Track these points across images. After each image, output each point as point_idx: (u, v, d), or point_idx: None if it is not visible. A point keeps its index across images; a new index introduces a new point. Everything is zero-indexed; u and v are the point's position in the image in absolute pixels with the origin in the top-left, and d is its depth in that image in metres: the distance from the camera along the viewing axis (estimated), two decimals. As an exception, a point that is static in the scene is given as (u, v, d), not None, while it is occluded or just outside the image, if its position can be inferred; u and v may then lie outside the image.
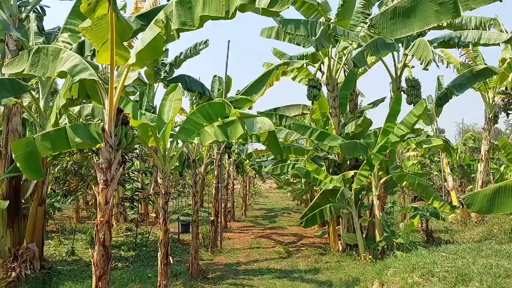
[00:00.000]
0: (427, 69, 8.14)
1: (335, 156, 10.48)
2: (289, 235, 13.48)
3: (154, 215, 16.71)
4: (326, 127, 10.90)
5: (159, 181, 6.35)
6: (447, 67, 13.85)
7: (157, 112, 6.90)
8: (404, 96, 9.86)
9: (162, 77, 16.88)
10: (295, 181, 18.46)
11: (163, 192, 6.33)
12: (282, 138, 10.95)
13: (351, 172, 8.23)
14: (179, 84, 7.12)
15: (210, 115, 6.44)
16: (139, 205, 16.97)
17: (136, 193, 11.62)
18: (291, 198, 30.87)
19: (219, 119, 6.43)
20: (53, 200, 13.04)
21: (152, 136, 6.01)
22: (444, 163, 19.14)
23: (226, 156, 11.68)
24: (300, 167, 8.34)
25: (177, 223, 13.60)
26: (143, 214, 16.91)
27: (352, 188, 7.93)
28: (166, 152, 6.36)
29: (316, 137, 8.33)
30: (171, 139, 6.41)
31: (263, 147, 18.22)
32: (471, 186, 19.81)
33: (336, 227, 10.38)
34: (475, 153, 24.35)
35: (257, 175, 37.36)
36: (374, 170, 7.82)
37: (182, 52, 13.81)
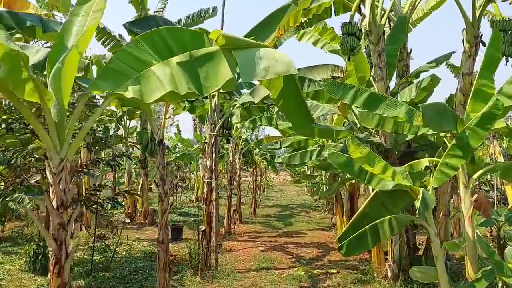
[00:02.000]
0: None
1: (382, 138, 7.15)
2: (310, 246, 10.21)
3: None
4: (366, 98, 7.55)
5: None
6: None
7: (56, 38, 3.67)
8: (481, 51, 6.49)
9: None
10: (316, 173, 15.15)
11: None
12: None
13: (425, 161, 4.91)
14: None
15: (169, 47, 3.20)
16: (126, 203, 13.99)
17: (94, 191, 8.45)
18: (309, 193, 27.58)
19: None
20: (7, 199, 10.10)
21: (29, 80, 2.77)
22: (496, 152, 15.56)
23: (224, 140, 8.51)
24: (335, 154, 5.07)
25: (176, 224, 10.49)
26: (130, 214, 13.89)
27: (429, 189, 4.63)
28: (61, 118, 3.10)
29: (365, 102, 4.99)
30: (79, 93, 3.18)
31: (277, 132, 14.99)
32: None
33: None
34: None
35: (269, 167, 34.23)
36: (467, 158, 4.50)
37: (181, 20, 10.70)
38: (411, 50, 8.33)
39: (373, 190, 5.24)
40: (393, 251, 6.91)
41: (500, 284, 4.75)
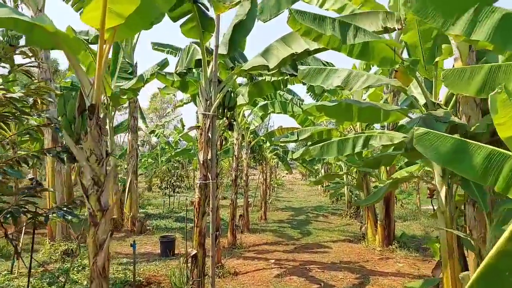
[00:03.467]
0: None
1: (464, 118, 4.68)
2: (341, 268, 7.76)
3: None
4: (433, 60, 5.07)
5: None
6: None
7: None
8: None
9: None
10: (341, 172, 12.68)
11: None
12: (338, 81, 5.24)
13: None
14: None
15: None
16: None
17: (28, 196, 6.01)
18: (323, 193, 25.09)
19: None
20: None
21: None
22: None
23: (224, 122, 6.14)
24: (432, 137, 2.67)
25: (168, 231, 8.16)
26: (115, 220, 11.56)
27: None
28: None
29: (493, 31, 2.61)
30: None
31: (291, 122, 12.61)
32: None
33: (461, 274, 4.66)
34: None
35: (279, 164, 31.77)
36: None
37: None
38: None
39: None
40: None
41: None
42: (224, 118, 5.99)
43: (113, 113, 11.97)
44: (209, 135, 5.24)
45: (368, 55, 4.73)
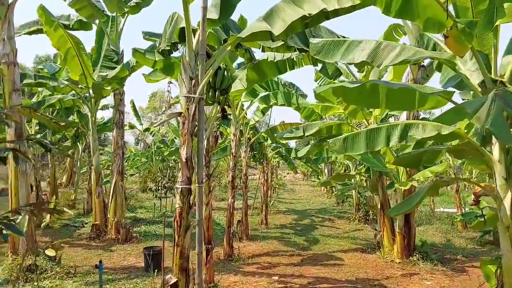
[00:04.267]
0: None
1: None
2: None
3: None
4: (492, 25, 3.81)
5: None
6: None
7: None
8: None
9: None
10: (353, 172, 11.32)
11: None
12: (363, 55, 3.98)
13: None
14: None
15: None
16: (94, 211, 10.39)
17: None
18: (327, 194, 23.83)
19: None
20: None
21: None
22: None
23: (216, 112, 4.91)
24: None
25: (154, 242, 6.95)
26: (98, 226, 10.28)
27: None
28: None
29: None
30: None
31: (294, 117, 11.41)
32: None
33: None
34: None
35: (281, 163, 30.51)
36: None
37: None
38: None
39: None
40: None
41: None
42: (216, 105, 4.72)
43: (97, 106, 10.71)
44: (196, 124, 3.97)
45: (411, 12, 3.46)
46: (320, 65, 5.96)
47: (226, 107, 4.68)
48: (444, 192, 21.06)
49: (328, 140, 4.88)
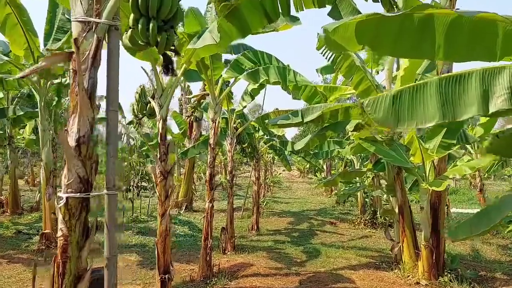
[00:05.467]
0: None
1: None
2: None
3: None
4: None
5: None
6: None
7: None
8: None
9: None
10: (363, 168, 9.34)
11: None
12: None
13: None
14: None
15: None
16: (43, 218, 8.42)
17: None
18: (326, 193, 21.98)
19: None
20: None
21: None
22: None
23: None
24: None
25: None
26: (47, 237, 8.31)
27: None
28: None
29: None
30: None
31: (291, 105, 9.56)
32: None
33: None
34: None
35: (276, 159, 28.63)
36: None
37: None
38: None
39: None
40: None
41: None
42: (163, 58, 2.76)
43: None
44: (92, 77, 2.05)
45: None
46: (328, 7, 4.03)
47: (171, 53, 2.74)
48: (458, 189, 19.18)
49: (362, 101, 2.95)
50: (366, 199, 12.67)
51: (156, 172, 4.49)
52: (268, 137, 12.02)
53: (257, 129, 10.99)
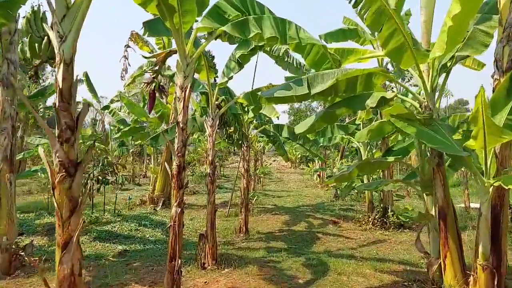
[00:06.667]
0: None
1: None
2: None
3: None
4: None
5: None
6: None
7: None
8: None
9: None
10: (387, 158, 7.31)
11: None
12: None
13: None
14: None
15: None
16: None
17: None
18: (321, 184, 20.13)
19: None
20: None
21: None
22: None
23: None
24: None
25: None
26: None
27: None
28: None
29: None
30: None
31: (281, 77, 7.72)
32: None
33: None
34: None
35: (266, 148, 26.66)
36: None
37: None
38: None
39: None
40: None
41: None
42: None
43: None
44: None
45: None
46: None
47: None
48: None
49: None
50: (373, 194, 10.80)
51: (45, 158, 2.45)
52: (259, 121, 10.01)
53: (246, 109, 8.97)
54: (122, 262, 6.67)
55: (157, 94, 5.02)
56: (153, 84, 4.88)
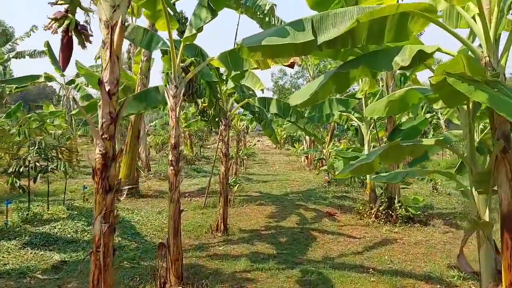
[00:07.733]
0: None
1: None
2: None
3: None
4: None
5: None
6: None
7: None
8: None
9: None
10: (422, 141, 5.71)
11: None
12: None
13: None
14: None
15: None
16: None
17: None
18: (309, 166, 18.53)
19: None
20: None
21: None
22: None
23: None
24: None
25: None
26: None
27: None
28: None
29: None
30: None
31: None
32: None
33: None
34: None
35: (250, 127, 24.80)
36: None
37: None
38: None
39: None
40: None
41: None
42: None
43: None
44: None
45: None
46: None
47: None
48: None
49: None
50: (375, 182, 9.19)
51: None
52: (240, 93, 8.12)
53: (223, 77, 7.10)
54: (53, 281, 4.88)
55: (75, 40, 3.12)
56: (66, 22, 2.99)
